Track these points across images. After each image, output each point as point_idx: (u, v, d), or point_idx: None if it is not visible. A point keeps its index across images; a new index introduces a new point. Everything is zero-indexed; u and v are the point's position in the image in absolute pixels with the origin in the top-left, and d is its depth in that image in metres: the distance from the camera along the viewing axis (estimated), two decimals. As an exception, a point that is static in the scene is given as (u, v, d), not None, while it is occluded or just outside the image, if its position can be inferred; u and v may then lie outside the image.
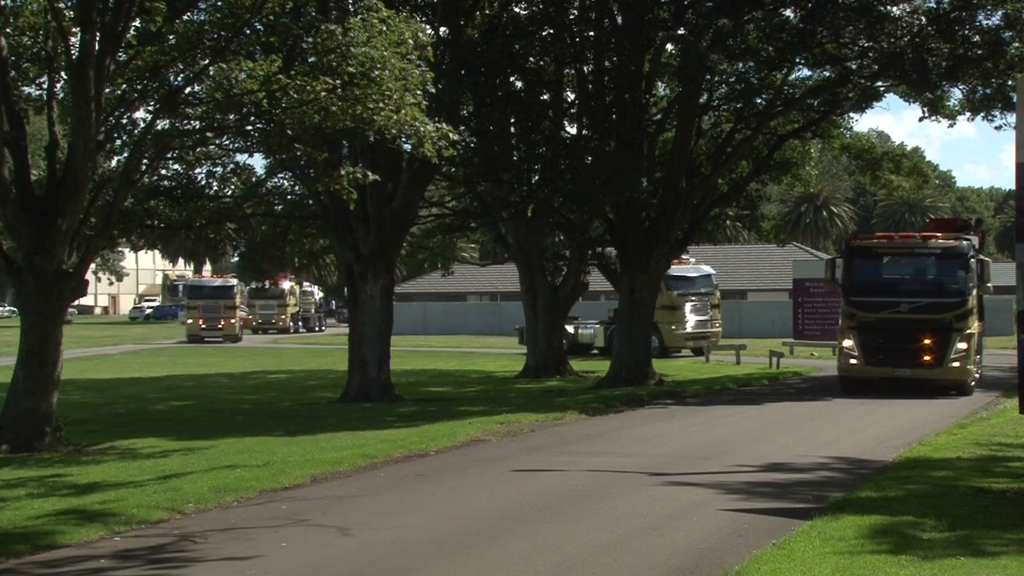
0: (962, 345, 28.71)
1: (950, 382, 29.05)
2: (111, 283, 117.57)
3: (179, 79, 19.97)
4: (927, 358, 28.86)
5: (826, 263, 30.95)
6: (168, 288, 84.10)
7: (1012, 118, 30.18)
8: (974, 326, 29.21)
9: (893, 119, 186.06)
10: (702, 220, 36.48)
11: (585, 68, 32.84)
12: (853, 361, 29.41)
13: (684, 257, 49.20)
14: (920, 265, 30.14)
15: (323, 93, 17.89)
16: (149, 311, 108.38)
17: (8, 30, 18.99)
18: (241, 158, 32.91)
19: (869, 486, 14.82)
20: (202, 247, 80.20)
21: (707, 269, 51.80)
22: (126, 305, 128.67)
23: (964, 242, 29.55)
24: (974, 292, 29.17)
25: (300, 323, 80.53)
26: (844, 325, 29.74)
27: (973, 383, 29.70)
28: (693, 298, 48.89)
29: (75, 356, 47.44)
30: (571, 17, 32.86)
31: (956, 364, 28.80)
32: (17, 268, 18.82)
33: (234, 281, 71.43)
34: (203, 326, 67.36)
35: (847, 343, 29.49)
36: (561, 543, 11.83)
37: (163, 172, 24.58)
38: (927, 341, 28.75)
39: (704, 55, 28.12)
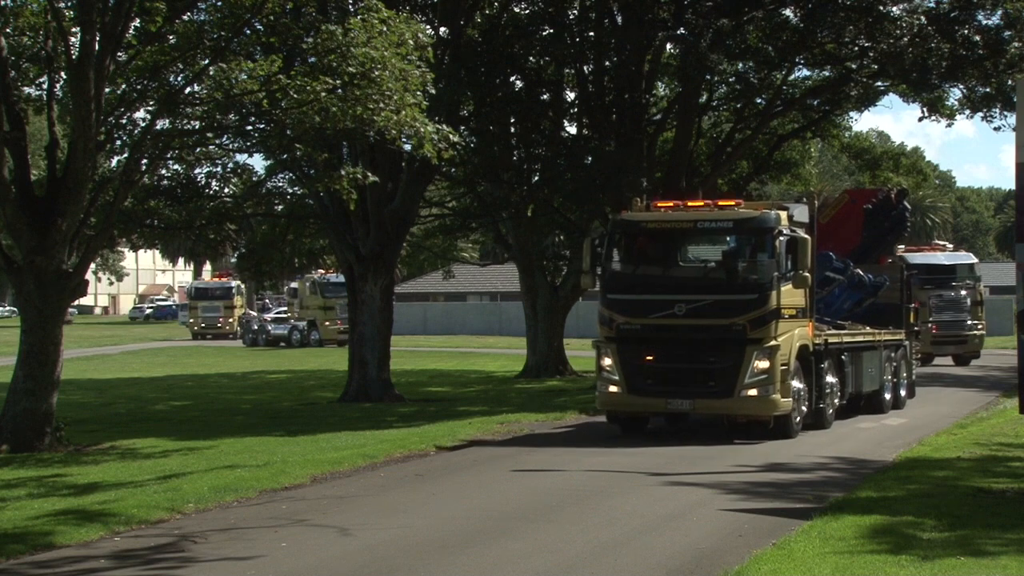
0: (762, 364, 19.49)
1: (748, 419, 20.08)
2: (111, 283, 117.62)
3: (179, 79, 19.96)
4: (712, 383, 19.93)
5: (584, 246, 21.58)
6: (271, 296, 73.83)
7: (1011, 118, 30.21)
8: (788, 335, 19.94)
9: (892, 119, 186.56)
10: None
11: (585, 68, 32.87)
12: (613, 388, 20.41)
13: (939, 242, 42.40)
14: (705, 247, 21.75)
15: (323, 93, 17.90)
16: (149, 311, 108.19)
17: (8, 30, 18.98)
18: (241, 158, 32.92)
19: (869, 486, 14.82)
20: (202, 247, 79.67)
21: (967, 256, 42.90)
22: (126, 305, 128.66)
23: (771, 213, 20.34)
24: (787, 285, 19.89)
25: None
26: (602, 335, 20.97)
27: (799, 420, 20.37)
28: (946, 292, 40.69)
29: (75, 356, 47.44)
30: (571, 17, 32.89)
31: (753, 393, 19.52)
32: (17, 268, 18.81)
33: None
34: (341, 328, 58.37)
35: (606, 361, 20.51)
36: (561, 543, 11.82)
37: (163, 172, 24.58)
38: (711, 358, 19.99)
39: (704, 55, 28.15)
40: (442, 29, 28.55)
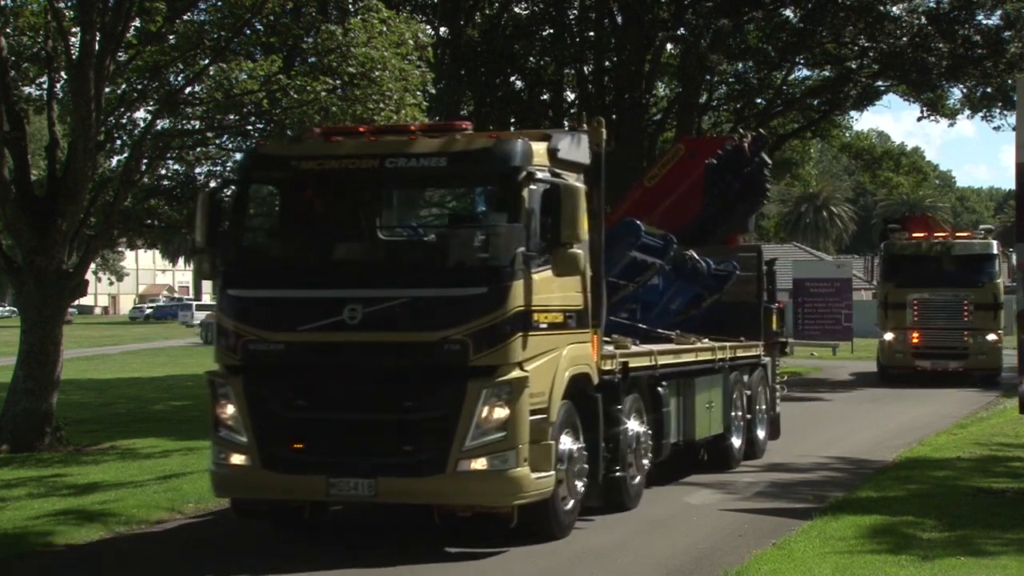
0: (496, 412, 10.94)
1: (473, 511, 11.25)
2: (111, 283, 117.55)
3: (179, 79, 19.99)
4: (409, 449, 11.11)
5: (199, 204, 12.00)
6: None
7: (1011, 118, 30.25)
8: (548, 359, 11.42)
9: (892, 119, 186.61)
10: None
11: (585, 68, 32.88)
12: (237, 459, 11.43)
13: (983, 228, 35.71)
14: (405, 207, 14.12)
15: (323, 93, 17.91)
16: (149, 311, 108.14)
17: (8, 30, 18.99)
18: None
19: (869, 486, 14.82)
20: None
21: (980, 246, 32.77)
22: (126, 305, 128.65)
23: (514, 143, 11.60)
24: (544, 270, 11.38)
25: None
26: (219, 362, 11.78)
27: (571, 505, 11.88)
28: (936, 291, 31.81)
29: (75, 356, 47.41)
30: (571, 17, 32.92)
31: (479, 465, 10.95)
32: (17, 268, 18.81)
33: None
34: None
35: (225, 410, 11.51)
36: (561, 543, 11.81)
37: (163, 172, 24.59)
38: (407, 404, 11.13)
39: (704, 55, 28.19)
40: (442, 29, 28.59)
